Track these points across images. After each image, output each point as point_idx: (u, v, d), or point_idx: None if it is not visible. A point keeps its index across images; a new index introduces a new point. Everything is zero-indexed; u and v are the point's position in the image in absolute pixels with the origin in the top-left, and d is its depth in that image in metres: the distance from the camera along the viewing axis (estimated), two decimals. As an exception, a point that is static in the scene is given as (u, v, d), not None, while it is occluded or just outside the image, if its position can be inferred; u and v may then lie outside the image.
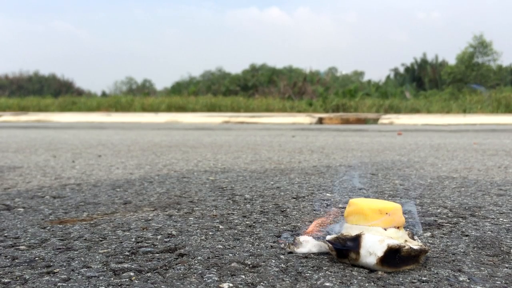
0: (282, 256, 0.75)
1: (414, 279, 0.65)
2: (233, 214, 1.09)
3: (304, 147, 3.15)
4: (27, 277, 0.67)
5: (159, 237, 0.88)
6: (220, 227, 0.96)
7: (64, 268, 0.70)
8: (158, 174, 1.78)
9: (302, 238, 0.78)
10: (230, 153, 2.68)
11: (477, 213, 1.08)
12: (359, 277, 0.66)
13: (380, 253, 0.67)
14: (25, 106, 14.54)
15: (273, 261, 0.73)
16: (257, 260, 0.74)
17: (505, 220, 1.01)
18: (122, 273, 0.68)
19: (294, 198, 1.28)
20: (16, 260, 0.75)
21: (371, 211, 0.71)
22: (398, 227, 0.72)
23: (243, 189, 1.43)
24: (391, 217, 0.71)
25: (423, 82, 16.39)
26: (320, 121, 9.29)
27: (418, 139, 3.96)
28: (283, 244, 0.81)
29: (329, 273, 0.68)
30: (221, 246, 0.82)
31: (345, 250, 0.71)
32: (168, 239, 0.86)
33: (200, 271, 0.69)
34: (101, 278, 0.66)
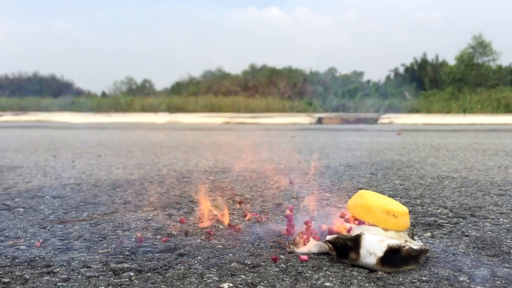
0: (282, 256, 0.75)
1: (414, 279, 0.65)
2: (233, 214, 1.09)
3: (304, 147, 3.15)
4: (27, 277, 0.67)
5: (159, 237, 0.88)
6: (220, 227, 0.96)
7: (64, 268, 0.70)
8: (158, 174, 1.78)
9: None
10: (230, 153, 2.68)
11: (477, 213, 1.08)
12: (359, 277, 0.66)
13: (380, 253, 0.67)
14: (25, 106, 14.53)
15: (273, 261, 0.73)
16: (257, 260, 0.74)
17: (505, 220, 1.01)
18: (122, 273, 0.68)
19: (294, 198, 1.28)
20: (16, 260, 0.75)
21: (379, 210, 0.71)
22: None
23: (243, 189, 1.43)
24: (398, 220, 0.71)
25: (423, 82, 16.38)
26: (320, 121, 9.29)
27: (418, 139, 3.96)
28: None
29: (329, 273, 0.68)
30: (221, 246, 0.82)
31: (345, 250, 0.71)
32: (168, 239, 0.86)
33: (200, 271, 0.69)
34: (101, 278, 0.66)
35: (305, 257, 0.74)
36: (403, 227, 0.72)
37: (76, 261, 0.74)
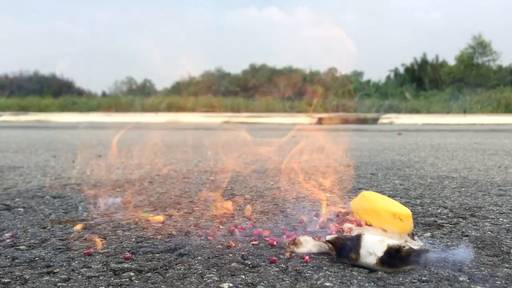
0: (282, 256, 0.75)
1: (414, 279, 0.65)
2: (233, 214, 1.09)
3: (304, 147, 3.15)
4: (27, 277, 0.67)
5: (159, 237, 0.88)
6: (220, 227, 0.96)
7: (64, 268, 0.70)
8: (158, 174, 1.78)
9: (302, 238, 0.78)
10: (230, 153, 2.68)
11: (477, 213, 1.08)
12: (359, 277, 0.66)
13: (380, 253, 0.67)
14: (25, 106, 14.53)
15: (273, 261, 0.73)
16: (257, 260, 0.74)
17: (505, 220, 1.01)
18: (122, 273, 0.68)
19: (294, 198, 1.28)
20: (16, 260, 0.75)
21: (386, 213, 0.70)
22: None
23: (243, 189, 1.43)
24: (404, 223, 0.71)
25: (423, 82, 16.39)
26: (320, 121, 9.29)
27: (418, 139, 3.96)
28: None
29: (329, 273, 0.68)
30: (221, 246, 0.82)
31: (345, 250, 0.71)
32: (168, 239, 0.86)
33: (200, 271, 0.69)
34: (101, 278, 0.66)
35: (305, 257, 0.74)
36: (408, 230, 0.72)
37: (76, 261, 0.74)
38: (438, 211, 1.11)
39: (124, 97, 15.51)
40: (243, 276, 0.67)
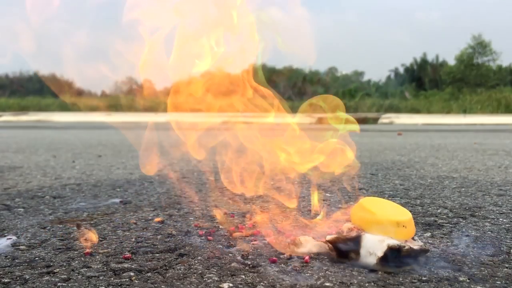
0: (282, 256, 0.75)
1: (414, 279, 0.65)
2: (233, 214, 1.09)
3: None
4: (27, 277, 0.67)
5: (159, 237, 0.88)
6: (220, 227, 0.96)
7: (64, 268, 0.70)
8: (158, 174, 1.78)
9: (302, 238, 0.78)
10: (230, 153, 2.68)
11: (477, 213, 1.08)
12: (359, 277, 0.66)
13: (380, 253, 0.67)
14: (25, 106, 14.54)
15: (273, 261, 0.73)
16: (257, 260, 0.74)
17: (505, 220, 1.01)
18: (122, 273, 0.68)
19: (294, 198, 1.28)
20: (16, 260, 0.75)
21: (390, 224, 0.70)
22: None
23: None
24: (407, 229, 0.70)
25: (423, 82, 16.39)
26: (320, 121, 9.29)
27: (418, 139, 3.96)
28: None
29: (329, 273, 0.68)
30: (221, 246, 0.82)
31: (345, 250, 0.71)
32: (168, 239, 0.86)
33: (200, 271, 0.69)
34: (101, 278, 0.66)
35: (305, 257, 0.74)
36: (412, 234, 0.72)
37: (76, 261, 0.74)
38: (438, 211, 1.11)
39: (124, 97, 15.51)
40: (243, 276, 0.67)
